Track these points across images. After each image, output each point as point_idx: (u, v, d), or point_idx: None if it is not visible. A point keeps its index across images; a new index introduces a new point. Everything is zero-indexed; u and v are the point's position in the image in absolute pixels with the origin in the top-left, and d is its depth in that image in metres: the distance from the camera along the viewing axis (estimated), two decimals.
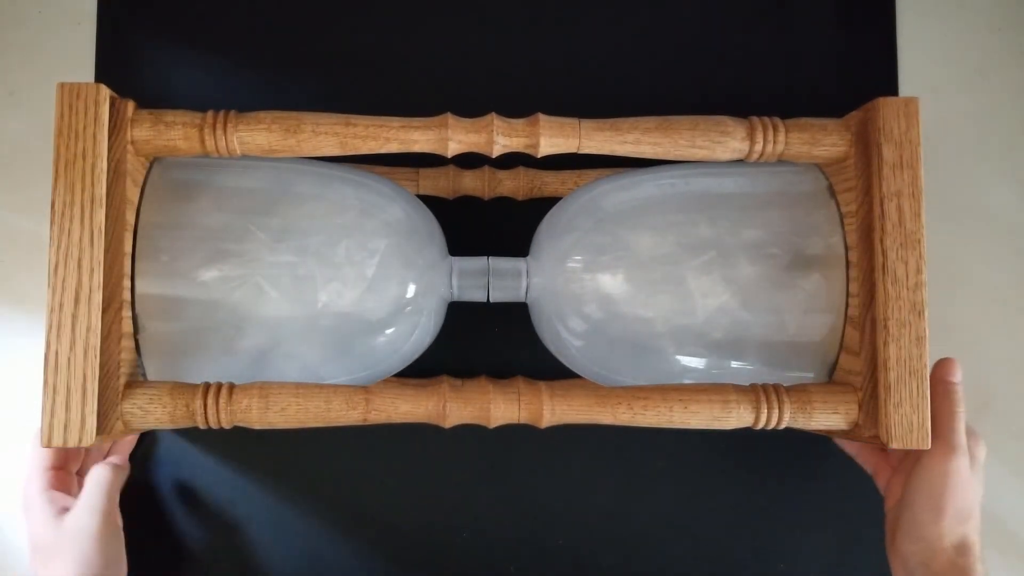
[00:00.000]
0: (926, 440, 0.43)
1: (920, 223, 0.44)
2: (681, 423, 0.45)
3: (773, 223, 0.47)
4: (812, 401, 0.45)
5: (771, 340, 0.47)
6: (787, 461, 0.57)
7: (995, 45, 0.60)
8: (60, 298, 0.42)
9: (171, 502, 0.55)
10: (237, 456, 0.56)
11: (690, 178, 0.49)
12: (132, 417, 0.43)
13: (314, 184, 0.48)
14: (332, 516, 0.56)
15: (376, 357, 0.49)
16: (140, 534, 0.55)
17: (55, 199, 0.42)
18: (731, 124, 0.45)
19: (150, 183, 0.46)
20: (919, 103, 0.44)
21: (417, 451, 0.56)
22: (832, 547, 0.57)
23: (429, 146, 0.45)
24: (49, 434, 0.41)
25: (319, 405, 0.44)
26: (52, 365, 0.41)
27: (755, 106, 0.49)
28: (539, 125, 0.45)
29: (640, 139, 0.45)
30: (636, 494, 0.57)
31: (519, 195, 0.54)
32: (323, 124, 0.44)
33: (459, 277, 0.49)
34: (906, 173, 0.44)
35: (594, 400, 0.45)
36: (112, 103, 0.43)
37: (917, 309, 0.43)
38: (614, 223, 0.48)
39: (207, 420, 0.44)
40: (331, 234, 0.47)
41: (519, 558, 0.56)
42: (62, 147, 0.42)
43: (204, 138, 0.44)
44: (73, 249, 0.42)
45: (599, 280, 0.47)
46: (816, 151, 0.46)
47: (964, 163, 0.59)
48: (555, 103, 0.48)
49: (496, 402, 0.45)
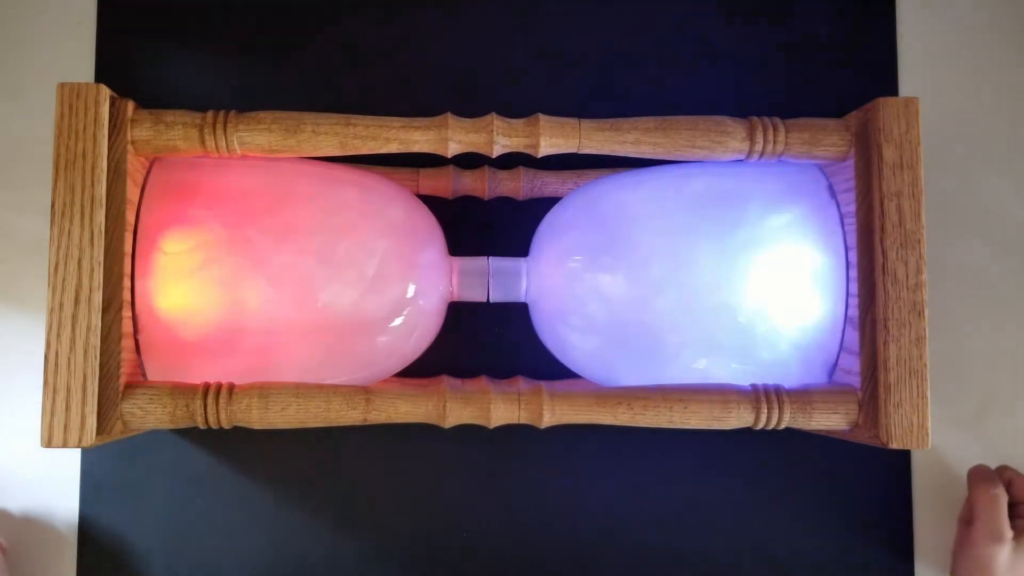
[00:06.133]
0: (926, 440, 0.43)
1: (920, 223, 0.44)
2: (681, 423, 0.45)
3: (773, 223, 0.47)
4: (812, 401, 0.45)
5: (771, 340, 0.47)
6: (787, 461, 0.57)
7: (995, 45, 0.59)
8: (60, 298, 0.42)
9: (170, 501, 0.56)
10: (236, 456, 0.56)
11: (690, 178, 0.49)
12: (132, 417, 0.43)
13: (314, 184, 0.48)
14: (331, 516, 0.56)
15: (376, 357, 0.49)
16: (140, 534, 0.55)
17: (55, 199, 0.42)
18: (731, 124, 0.45)
19: (150, 183, 0.46)
20: (919, 103, 0.44)
21: (417, 451, 0.56)
22: (832, 547, 0.57)
23: (429, 146, 0.45)
24: (49, 434, 0.41)
25: (319, 405, 0.44)
26: (52, 365, 0.41)
27: (755, 106, 0.49)
28: (539, 125, 0.45)
29: (640, 139, 0.45)
30: (636, 494, 0.57)
31: (519, 195, 0.54)
32: (323, 124, 0.44)
33: (459, 277, 0.49)
34: (906, 173, 0.44)
35: (594, 400, 0.45)
36: (112, 103, 0.43)
37: (917, 309, 0.43)
38: (614, 223, 0.48)
39: (207, 420, 0.44)
40: (331, 234, 0.47)
41: (519, 558, 0.56)
42: (62, 147, 0.42)
43: (204, 138, 0.44)
44: (73, 249, 0.42)
45: (599, 280, 0.47)
46: (816, 151, 0.46)
47: (964, 163, 0.59)
48: (555, 103, 0.48)
49: (496, 402, 0.45)
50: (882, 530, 0.57)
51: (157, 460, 0.56)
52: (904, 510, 0.57)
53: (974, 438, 0.58)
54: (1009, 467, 0.54)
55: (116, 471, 0.55)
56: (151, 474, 0.55)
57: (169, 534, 0.55)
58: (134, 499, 0.55)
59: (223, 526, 0.55)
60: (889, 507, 0.57)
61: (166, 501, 0.55)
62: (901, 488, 0.57)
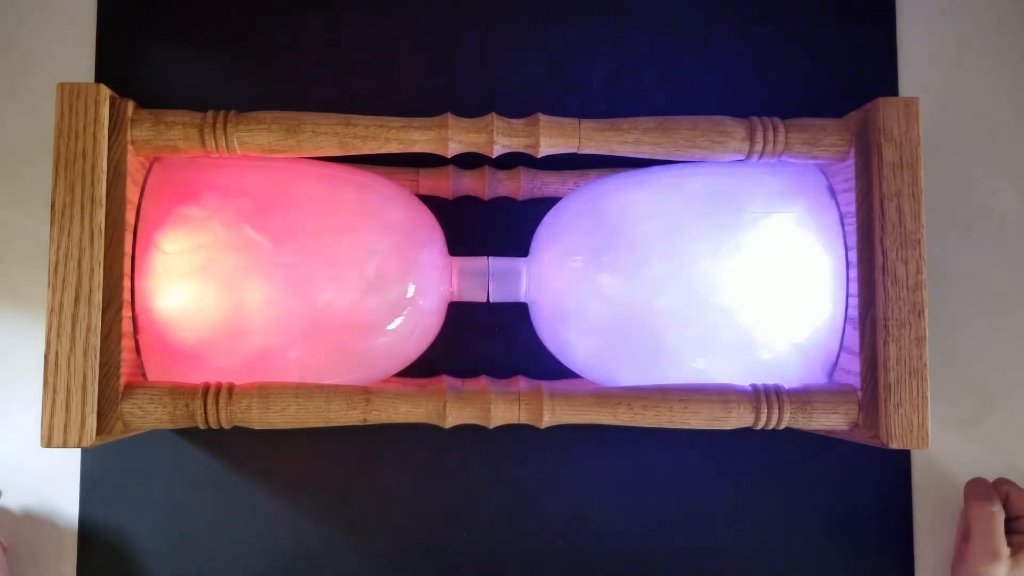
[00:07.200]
0: (926, 440, 0.43)
1: (920, 223, 0.44)
2: (681, 423, 0.45)
3: (772, 223, 0.47)
4: (812, 401, 0.45)
5: (771, 340, 0.47)
6: (787, 461, 0.57)
7: (995, 45, 0.59)
8: (60, 298, 0.42)
9: (170, 501, 0.56)
10: (236, 456, 0.56)
11: (690, 178, 0.49)
12: (132, 417, 0.43)
13: (314, 184, 0.48)
14: (331, 516, 0.56)
15: (376, 357, 0.49)
16: (140, 534, 0.55)
17: (55, 199, 0.42)
18: (731, 124, 0.45)
19: (150, 183, 0.46)
20: (919, 103, 0.44)
21: (417, 451, 0.56)
22: (832, 548, 0.57)
23: (429, 146, 0.45)
24: (49, 434, 0.41)
25: (319, 405, 0.44)
26: (52, 365, 0.41)
27: (755, 106, 0.49)
28: (539, 125, 0.45)
29: (640, 139, 0.45)
30: (636, 494, 0.57)
31: (519, 195, 0.54)
32: (323, 124, 0.44)
33: (459, 277, 0.49)
34: (906, 173, 0.44)
35: (594, 400, 0.45)
36: (112, 103, 0.43)
37: (917, 309, 0.43)
38: (614, 223, 0.48)
39: (207, 420, 0.44)
40: (331, 234, 0.47)
41: (519, 558, 0.56)
42: (62, 147, 0.42)
43: (204, 138, 0.44)
44: (73, 249, 0.42)
45: (599, 280, 0.47)
46: (816, 151, 0.46)
47: (964, 163, 0.59)
48: (555, 103, 0.48)
49: (496, 402, 0.45)
50: (882, 530, 0.57)
51: (157, 460, 0.56)
52: (904, 510, 0.57)
53: (974, 438, 0.57)
54: (1006, 480, 0.53)
55: (116, 471, 0.55)
56: (151, 474, 0.55)
57: (169, 534, 0.55)
58: (134, 499, 0.55)
59: (223, 526, 0.55)
60: (889, 507, 0.57)
61: (166, 501, 0.55)
62: (901, 489, 0.57)
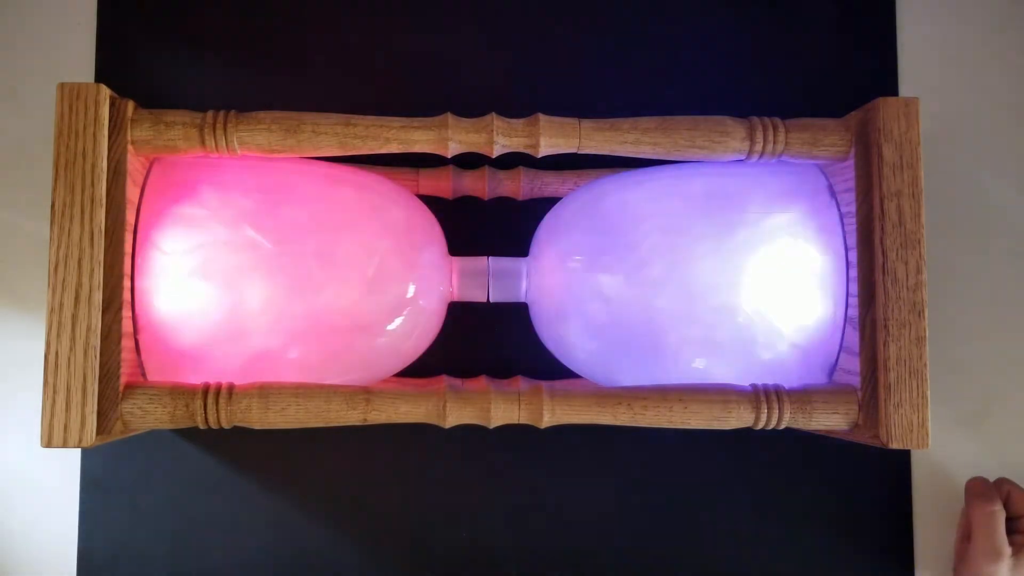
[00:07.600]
0: (926, 440, 0.43)
1: (920, 223, 0.44)
2: (681, 423, 0.45)
3: (773, 223, 0.47)
4: (812, 401, 0.45)
5: (771, 340, 0.47)
6: (787, 461, 0.57)
7: (995, 45, 0.59)
8: (60, 298, 0.42)
9: (170, 501, 0.56)
10: (236, 456, 0.56)
11: (690, 178, 0.49)
12: (132, 417, 0.43)
13: (314, 184, 0.48)
14: (332, 516, 0.56)
15: (376, 357, 0.49)
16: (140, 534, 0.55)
17: (55, 199, 0.42)
18: (731, 124, 0.45)
19: (150, 183, 0.46)
20: (919, 103, 0.44)
21: (417, 451, 0.56)
22: (831, 548, 0.57)
23: (429, 146, 0.45)
24: (49, 434, 0.41)
25: (319, 405, 0.44)
26: (52, 365, 0.41)
27: (755, 106, 0.49)
28: (539, 125, 0.45)
29: (640, 139, 0.45)
30: (636, 494, 0.57)
31: (519, 195, 0.54)
32: (323, 124, 0.44)
33: (459, 277, 0.49)
34: (906, 173, 0.44)
35: (594, 400, 0.45)
36: (112, 103, 0.43)
37: (917, 309, 0.43)
38: (614, 223, 0.48)
39: (207, 420, 0.44)
40: (331, 234, 0.47)
41: (519, 558, 0.56)
42: (62, 147, 0.42)
43: (204, 138, 0.44)
44: (73, 249, 0.42)
45: (599, 280, 0.47)
46: (816, 151, 0.46)
47: (964, 163, 0.59)
48: (555, 103, 0.48)
49: (496, 402, 0.45)
50: (882, 530, 0.57)
51: (157, 460, 0.56)
52: (904, 510, 0.57)
53: (974, 438, 0.58)
54: (1007, 480, 0.53)
55: (116, 471, 0.55)
56: (151, 474, 0.55)
57: (169, 534, 0.55)
58: (134, 499, 0.55)
59: (223, 526, 0.55)
60: (889, 507, 0.57)
61: (166, 501, 0.55)
62: (901, 489, 0.57)
